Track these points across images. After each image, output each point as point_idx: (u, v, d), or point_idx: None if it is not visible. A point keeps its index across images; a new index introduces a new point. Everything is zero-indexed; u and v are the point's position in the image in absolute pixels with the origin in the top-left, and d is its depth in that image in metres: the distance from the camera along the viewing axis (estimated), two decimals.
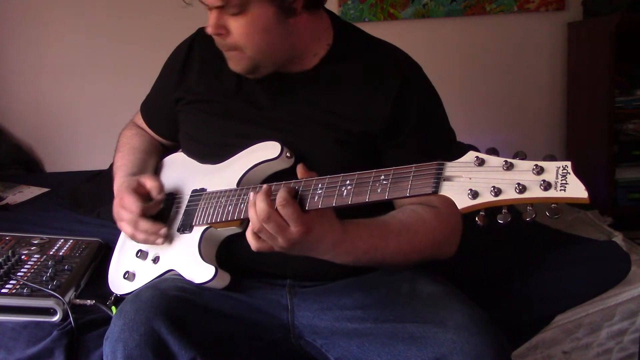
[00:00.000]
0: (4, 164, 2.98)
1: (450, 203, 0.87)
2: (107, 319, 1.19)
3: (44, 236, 1.61)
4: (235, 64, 1.25)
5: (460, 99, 3.09)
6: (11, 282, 1.33)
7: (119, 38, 3.08)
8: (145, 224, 1.25)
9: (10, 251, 1.47)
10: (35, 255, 1.48)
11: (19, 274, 1.37)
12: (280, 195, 1.02)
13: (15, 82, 3.15)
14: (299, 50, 1.27)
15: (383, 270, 1.25)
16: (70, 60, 3.12)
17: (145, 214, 1.26)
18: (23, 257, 1.46)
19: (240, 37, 1.19)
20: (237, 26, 1.18)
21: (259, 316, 1.22)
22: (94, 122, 3.15)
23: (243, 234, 1.12)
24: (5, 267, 1.37)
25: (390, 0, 3.11)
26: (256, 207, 1.04)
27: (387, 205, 1.25)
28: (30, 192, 2.39)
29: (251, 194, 1.08)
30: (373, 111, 1.24)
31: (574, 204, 2.04)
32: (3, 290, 1.29)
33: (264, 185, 1.08)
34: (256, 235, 1.08)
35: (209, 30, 1.20)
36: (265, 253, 1.08)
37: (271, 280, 1.27)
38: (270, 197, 1.05)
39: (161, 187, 1.30)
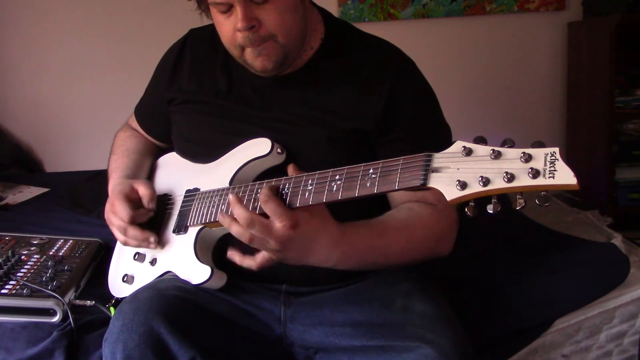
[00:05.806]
0: (4, 164, 2.98)
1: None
2: (107, 320, 1.18)
3: (44, 236, 1.61)
4: (267, 58, 1.20)
5: (460, 99, 3.09)
6: (11, 282, 1.33)
7: (119, 38, 3.09)
8: (134, 232, 1.25)
9: (10, 251, 1.47)
10: (35, 256, 1.48)
11: (18, 274, 1.37)
12: (263, 192, 1.02)
13: (15, 82, 3.15)
14: (304, 40, 1.26)
15: (379, 283, 1.24)
16: (70, 61, 3.12)
17: (134, 222, 1.26)
18: (23, 257, 1.46)
19: (273, 23, 1.17)
20: (268, 12, 1.17)
21: (253, 323, 1.21)
22: (94, 122, 3.15)
23: None
24: (5, 267, 1.37)
25: (390, 0, 3.11)
26: (236, 216, 1.04)
27: (384, 206, 1.24)
28: (30, 192, 2.39)
29: (220, 216, 1.09)
30: (366, 107, 1.23)
31: (573, 204, 2.05)
32: (3, 291, 1.29)
33: (230, 196, 1.07)
34: (249, 254, 1.09)
35: (241, 26, 1.15)
36: None
37: (267, 285, 1.26)
38: (243, 203, 1.05)
39: (153, 195, 1.29)
